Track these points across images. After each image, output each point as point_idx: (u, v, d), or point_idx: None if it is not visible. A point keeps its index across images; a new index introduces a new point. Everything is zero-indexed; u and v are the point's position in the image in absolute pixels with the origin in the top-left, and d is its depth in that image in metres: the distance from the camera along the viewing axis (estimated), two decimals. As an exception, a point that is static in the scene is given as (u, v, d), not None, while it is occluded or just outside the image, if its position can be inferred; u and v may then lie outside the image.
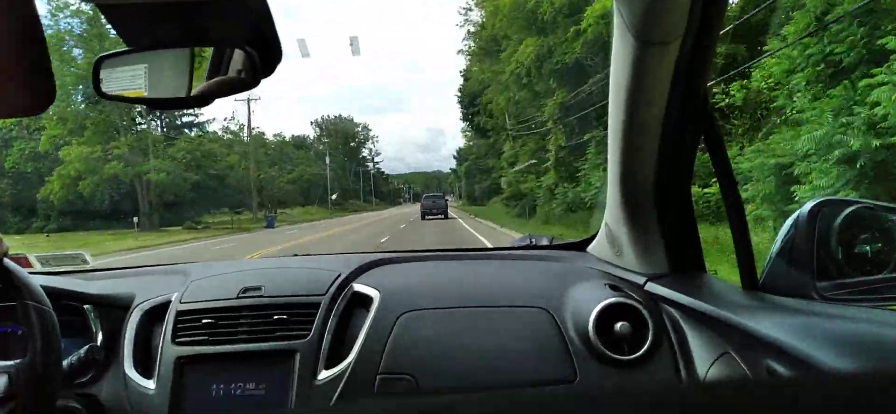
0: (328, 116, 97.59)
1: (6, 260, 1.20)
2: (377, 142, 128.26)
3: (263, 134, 58.14)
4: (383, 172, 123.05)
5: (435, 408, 0.40)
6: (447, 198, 41.21)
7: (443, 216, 30.67)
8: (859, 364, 0.83)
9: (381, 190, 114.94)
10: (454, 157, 75.45)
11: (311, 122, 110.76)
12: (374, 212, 65.28)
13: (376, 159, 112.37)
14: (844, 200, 1.17)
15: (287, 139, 73.72)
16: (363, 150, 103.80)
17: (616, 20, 1.13)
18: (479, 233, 19.98)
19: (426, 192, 57.97)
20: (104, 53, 0.87)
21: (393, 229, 23.84)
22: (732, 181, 1.20)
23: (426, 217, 30.29)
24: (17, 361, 1.16)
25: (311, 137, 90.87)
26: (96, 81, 0.88)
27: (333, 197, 59.00)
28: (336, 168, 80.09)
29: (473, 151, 54.28)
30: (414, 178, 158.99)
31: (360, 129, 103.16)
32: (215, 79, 0.85)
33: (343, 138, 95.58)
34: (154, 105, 0.93)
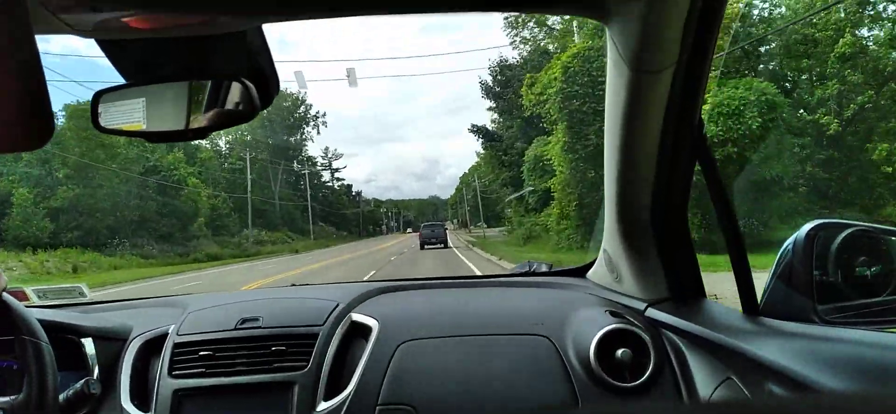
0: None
1: (4, 294, 1.20)
2: (323, 118, 72.39)
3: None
4: (350, 188, 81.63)
5: None
6: (446, 226, 40.97)
7: (442, 245, 30.33)
8: (861, 388, 0.83)
9: (341, 213, 72.69)
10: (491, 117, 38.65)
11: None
12: (271, 261, 30.18)
13: (336, 166, 72.85)
14: (841, 223, 1.17)
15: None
16: (305, 141, 63.20)
17: (610, 49, 1.15)
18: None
19: (424, 220, 55.42)
20: (102, 88, 0.88)
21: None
22: (729, 206, 1.20)
23: (425, 246, 29.91)
24: (13, 396, 1.15)
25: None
26: (94, 116, 0.89)
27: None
28: (256, 178, 47.66)
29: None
30: (409, 204, 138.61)
31: (294, 99, 58.52)
32: (213, 111, 0.86)
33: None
34: (152, 139, 0.93)
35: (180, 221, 34.00)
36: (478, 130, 35.41)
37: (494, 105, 33.24)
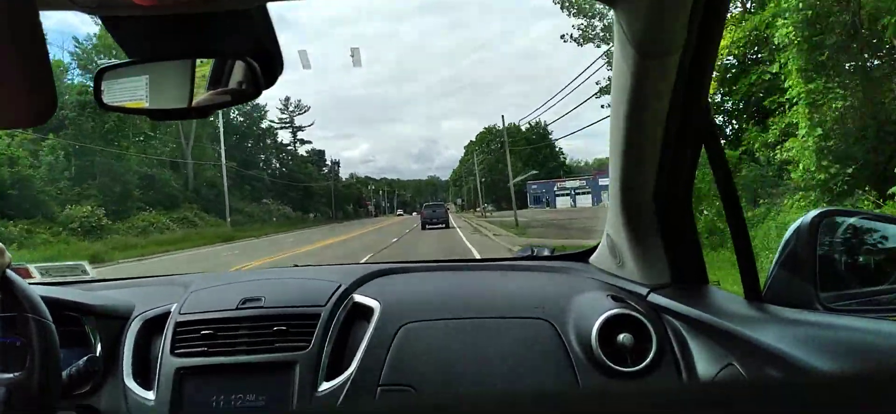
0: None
1: (8, 271, 1.20)
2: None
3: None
4: (322, 154, 62.14)
5: (435, 409, 0.40)
6: (447, 206, 41.04)
7: (443, 226, 30.54)
8: (856, 369, 0.83)
9: (305, 187, 53.27)
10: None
11: None
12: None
13: (300, 123, 54.57)
14: (846, 211, 1.17)
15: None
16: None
17: (617, 32, 1.14)
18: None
19: (423, 201, 54.01)
20: (105, 64, 0.87)
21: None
22: (733, 192, 1.20)
23: (426, 227, 30.09)
24: (16, 373, 1.16)
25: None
26: (97, 93, 0.88)
27: None
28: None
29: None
30: (407, 184, 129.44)
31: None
32: (217, 90, 0.85)
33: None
34: (155, 116, 0.93)
35: None
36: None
37: None
